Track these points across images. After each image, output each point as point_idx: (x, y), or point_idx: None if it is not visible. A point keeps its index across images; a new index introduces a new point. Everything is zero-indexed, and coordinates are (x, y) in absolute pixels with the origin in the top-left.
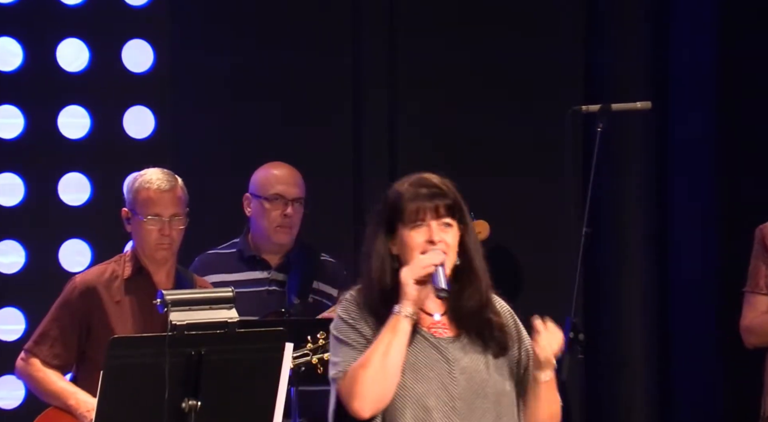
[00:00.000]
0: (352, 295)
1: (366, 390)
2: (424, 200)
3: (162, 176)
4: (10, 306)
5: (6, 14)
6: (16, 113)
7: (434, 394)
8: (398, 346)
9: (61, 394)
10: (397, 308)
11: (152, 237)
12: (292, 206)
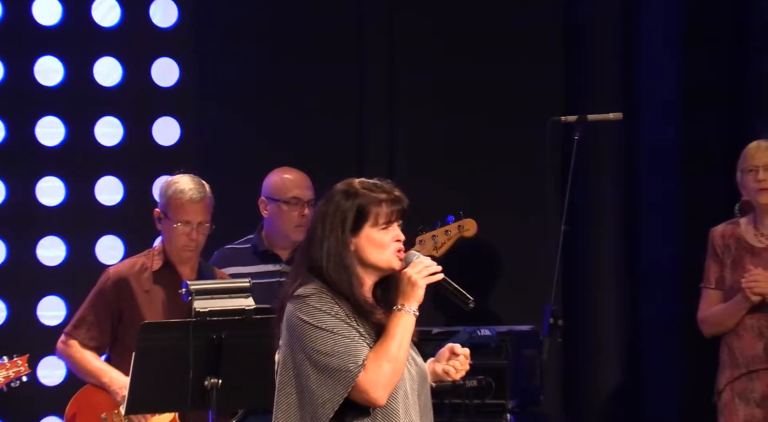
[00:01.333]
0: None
1: (391, 381)
2: (393, 204)
3: (194, 187)
4: (52, 295)
5: (49, 35)
6: (58, 123)
7: (408, 378)
8: (408, 340)
9: (96, 372)
10: (404, 306)
11: (181, 241)
12: (308, 207)
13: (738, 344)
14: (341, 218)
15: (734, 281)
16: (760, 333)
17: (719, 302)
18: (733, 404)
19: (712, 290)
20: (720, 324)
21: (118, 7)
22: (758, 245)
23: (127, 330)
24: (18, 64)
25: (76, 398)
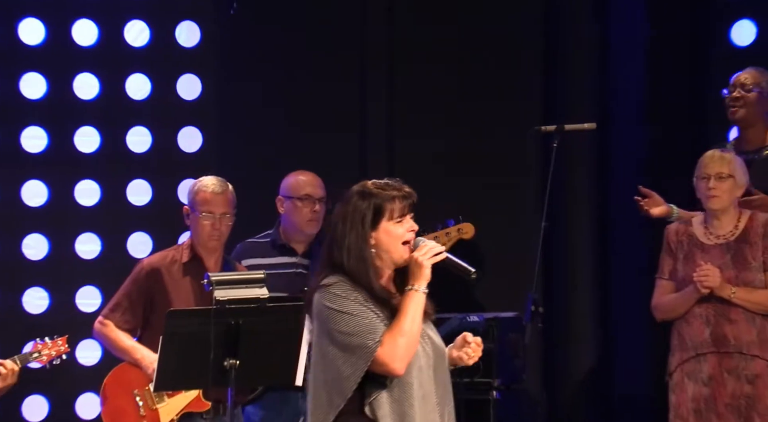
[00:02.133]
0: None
1: (407, 353)
2: (405, 200)
3: (216, 182)
4: (88, 285)
5: (86, 55)
6: (94, 133)
7: (423, 355)
8: (420, 316)
9: (129, 350)
10: (414, 286)
11: (206, 230)
12: (319, 204)
13: (687, 330)
14: (360, 217)
15: (686, 274)
16: (707, 321)
17: (671, 292)
18: (683, 383)
19: (666, 281)
20: (672, 311)
21: (148, 30)
22: (707, 242)
23: (156, 315)
24: (59, 81)
25: (110, 376)
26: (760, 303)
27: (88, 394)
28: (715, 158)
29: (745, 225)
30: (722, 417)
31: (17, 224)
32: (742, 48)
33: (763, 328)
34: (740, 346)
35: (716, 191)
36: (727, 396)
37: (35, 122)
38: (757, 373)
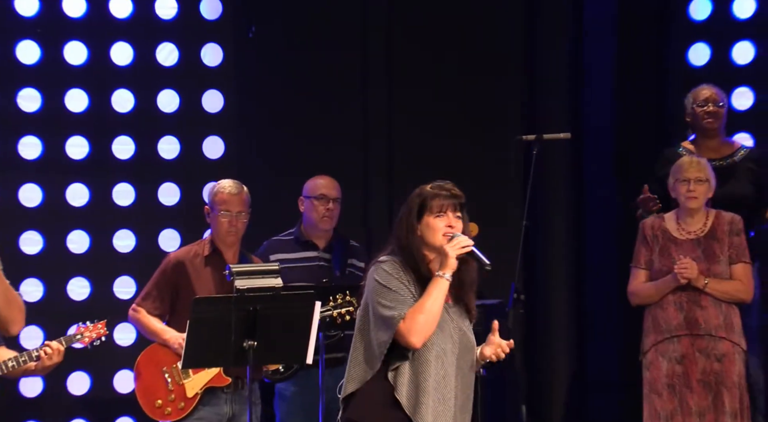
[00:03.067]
0: (391, 258)
1: (423, 329)
2: (446, 197)
3: (233, 184)
4: (125, 275)
5: (123, 73)
6: (129, 142)
7: (448, 341)
8: (442, 298)
9: (159, 332)
10: (441, 272)
11: (224, 227)
12: (333, 203)
13: (662, 314)
14: (409, 210)
15: (662, 265)
16: (680, 307)
17: (646, 280)
18: (657, 361)
19: (642, 270)
20: (648, 298)
21: (177, 51)
22: (680, 237)
23: (182, 303)
24: (99, 96)
25: (143, 355)
26: (727, 292)
27: (124, 371)
28: (693, 164)
29: (713, 223)
30: (694, 391)
31: (62, 222)
32: (697, 68)
33: (728, 314)
34: (710, 329)
35: (695, 193)
36: (699, 372)
37: (78, 133)
38: (724, 352)
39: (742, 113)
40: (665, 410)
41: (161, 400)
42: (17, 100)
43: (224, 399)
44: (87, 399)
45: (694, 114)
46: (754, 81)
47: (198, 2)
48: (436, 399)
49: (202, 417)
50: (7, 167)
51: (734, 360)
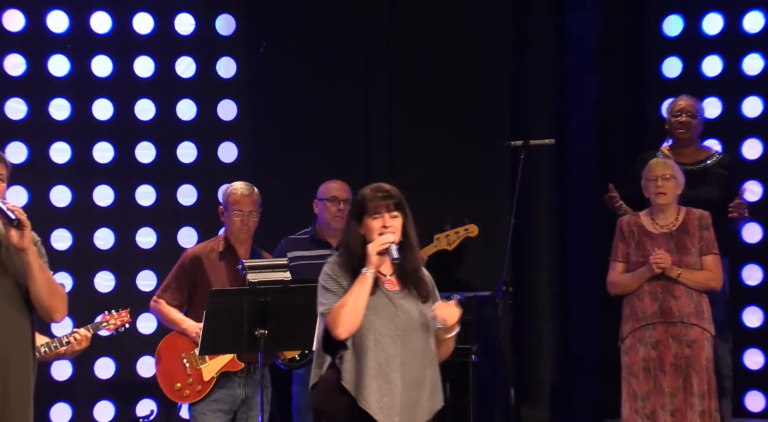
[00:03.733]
0: (335, 259)
1: (346, 321)
2: (380, 200)
3: (245, 186)
4: (146, 269)
5: (145, 84)
6: (151, 147)
7: (386, 325)
8: (364, 294)
9: (178, 321)
10: (364, 269)
11: (236, 225)
12: (343, 204)
13: (639, 303)
14: (350, 214)
15: (638, 258)
16: (655, 296)
17: (623, 272)
18: (635, 347)
19: (619, 263)
20: (625, 287)
21: (194, 64)
22: (654, 231)
23: (199, 294)
24: (124, 106)
25: (163, 343)
26: (698, 282)
27: (146, 357)
28: (660, 164)
29: (684, 218)
30: (667, 373)
31: (89, 221)
32: (670, 79)
33: (699, 302)
34: (682, 317)
35: (663, 189)
36: (671, 357)
37: (104, 139)
38: (695, 338)
39: (712, 121)
40: (641, 391)
41: (180, 383)
42: (49, 109)
43: (238, 383)
44: (112, 382)
45: (670, 123)
46: (722, 92)
47: (214, 19)
48: (380, 380)
49: (218, 399)
50: (40, 170)
51: (703, 345)
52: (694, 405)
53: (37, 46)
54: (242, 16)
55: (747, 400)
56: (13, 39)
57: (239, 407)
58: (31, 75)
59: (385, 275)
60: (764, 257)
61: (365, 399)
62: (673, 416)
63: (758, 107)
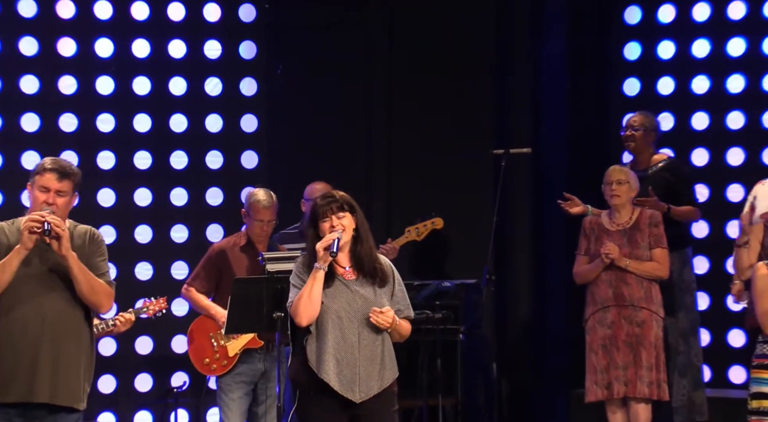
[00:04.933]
0: (300, 259)
1: (304, 310)
2: (327, 205)
3: (266, 198)
4: (179, 261)
5: (178, 100)
6: (183, 155)
7: (344, 309)
8: (317, 285)
9: (207, 307)
10: (315, 264)
11: (257, 231)
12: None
13: (597, 290)
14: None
15: (596, 251)
16: (610, 283)
17: (586, 264)
18: (595, 327)
19: (582, 256)
20: (586, 276)
21: (220, 83)
22: (611, 228)
23: (225, 283)
24: (160, 119)
25: (193, 324)
26: (646, 271)
27: (180, 335)
28: (615, 170)
29: (637, 217)
30: (620, 350)
31: (130, 219)
32: (630, 97)
33: (648, 289)
34: (633, 301)
35: (618, 192)
36: (624, 335)
37: (143, 148)
38: (644, 319)
39: (666, 133)
40: (600, 365)
41: (208, 359)
42: (96, 122)
43: (258, 358)
44: (150, 357)
45: (623, 136)
46: (674, 108)
47: (237, 45)
48: (338, 356)
49: (241, 372)
50: (88, 175)
51: (651, 325)
52: (643, 377)
53: (84, 70)
54: (262, 44)
55: None
56: (66, 63)
57: (259, 379)
58: (81, 94)
59: (344, 267)
60: (710, 250)
61: (326, 373)
62: (626, 386)
63: (705, 121)
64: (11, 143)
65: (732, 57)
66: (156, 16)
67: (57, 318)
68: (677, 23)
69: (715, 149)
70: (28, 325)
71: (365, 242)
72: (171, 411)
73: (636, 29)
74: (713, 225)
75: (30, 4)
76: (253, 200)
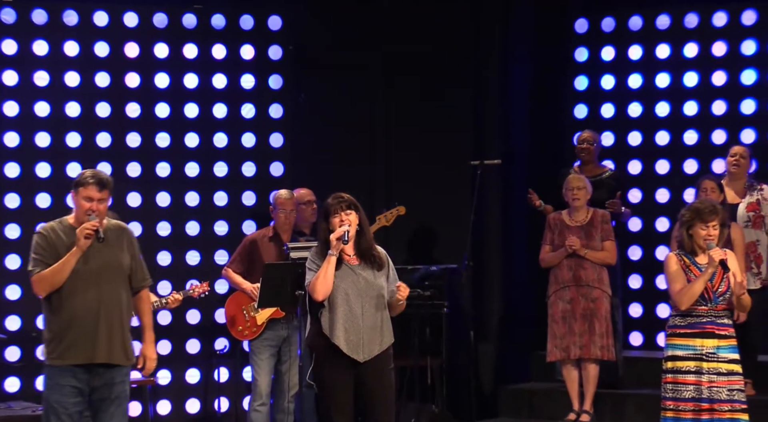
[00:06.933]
0: (313, 249)
1: (319, 288)
2: (337, 204)
3: (287, 193)
4: (221, 249)
5: (221, 122)
6: (224, 165)
7: (350, 288)
8: (330, 268)
9: (241, 284)
10: (329, 252)
11: (281, 220)
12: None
13: (559, 272)
14: (320, 215)
15: (559, 242)
16: (570, 268)
17: (550, 252)
18: (556, 302)
19: (547, 246)
20: (550, 262)
21: (254, 108)
22: (571, 224)
23: (256, 266)
24: (206, 137)
25: (230, 299)
26: (599, 258)
27: (221, 309)
28: (575, 178)
29: (591, 216)
30: (577, 320)
31: (182, 216)
32: (580, 119)
33: (600, 272)
34: (588, 281)
35: (577, 196)
36: (580, 309)
37: (193, 160)
38: (597, 296)
39: (607, 148)
40: (559, 332)
41: (241, 326)
42: (155, 140)
43: (281, 326)
44: (198, 326)
45: (577, 149)
46: (614, 128)
47: (267, 78)
48: (347, 325)
49: (267, 337)
50: (146, 181)
51: (603, 301)
52: (596, 342)
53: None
54: (287, 77)
55: (631, 338)
56: (131, 92)
57: (282, 343)
58: (144, 116)
59: (349, 255)
60: (643, 240)
61: (337, 339)
62: (581, 349)
63: (639, 138)
64: (58, 157)
65: (659, 88)
66: (203, 55)
67: (108, 299)
68: (616, 61)
69: (646, 160)
70: (88, 305)
71: (366, 235)
72: (214, 369)
73: (584, 66)
74: (645, 221)
75: (103, 46)
76: (278, 195)
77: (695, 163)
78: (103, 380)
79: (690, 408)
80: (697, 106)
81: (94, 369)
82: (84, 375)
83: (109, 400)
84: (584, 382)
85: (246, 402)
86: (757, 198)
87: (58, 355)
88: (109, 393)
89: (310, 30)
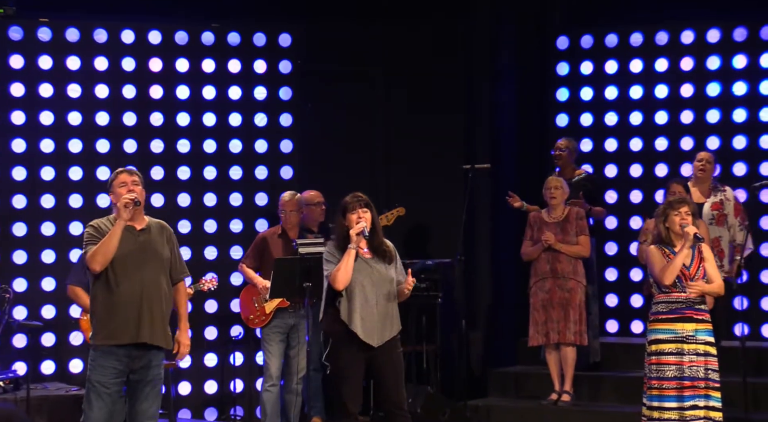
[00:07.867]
0: (331, 243)
1: (340, 278)
2: (356, 202)
3: (289, 195)
4: (236, 245)
5: (235, 130)
6: (239, 169)
7: (366, 279)
8: (350, 261)
9: (254, 278)
10: (350, 246)
11: (283, 220)
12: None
13: (539, 265)
14: (338, 214)
15: (538, 238)
16: (548, 261)
17: (530, 247)
18: (536, 292)
19: (528, 241)
20: (530, 256)
21: (266, 117)
22: (549, 221)
23: (267, 261)
24: (222, 144)
25: (243, 291)
26: (573, 252)
27: (236, 299)
28: (552, 179)
29: (567, 213)
30: (555, 309)
31: (201, 216)
32: (561, 128)
33: (575, 265)
34: (564, 273)
35: (554, 195)
36: (557, 298)
37: (211, 164)
38: (572, 287)
39: (585, 154)
40: (540, 319)
41: (252, 315)
42: (177, 146)
43: (289, 315)
44: (215, 315)
45: (553, 156)
46: (593, 136)
47: (278, 89)
48: (363, 313)
49: (276, 325)
50: (169, 183)
51: (577, 291)
52: (571, 328)
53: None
54: (296, 88)
55: (607, 325)
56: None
57: (290, 330)
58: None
59: (363, 249)
60: (618, 237)
61: (354, 326)
62: (558, 334)
63: (614, 145)
64: (89, 161)
65: (633, 99)
66: (220, 69)
67: (150, 285)
68: (594, 74)
69: (621, 164)
70: (133, 289)
71: (378, 231)
72: (230, 354)
73: (565, 79)
74: (620, 219)
75: (130, 61)
76: (281, 198)
77: (665, 167)
78: (142, 362)
79: (673, 386)
80: (667, 115)
81: (134, 352)
82: (125, 358)
83: (144, 382)
84: (563, 364)
85: (259, 383)
86: (721, 198)
87: (106, 335)
88: (146, 375)
89: (316, 47)
